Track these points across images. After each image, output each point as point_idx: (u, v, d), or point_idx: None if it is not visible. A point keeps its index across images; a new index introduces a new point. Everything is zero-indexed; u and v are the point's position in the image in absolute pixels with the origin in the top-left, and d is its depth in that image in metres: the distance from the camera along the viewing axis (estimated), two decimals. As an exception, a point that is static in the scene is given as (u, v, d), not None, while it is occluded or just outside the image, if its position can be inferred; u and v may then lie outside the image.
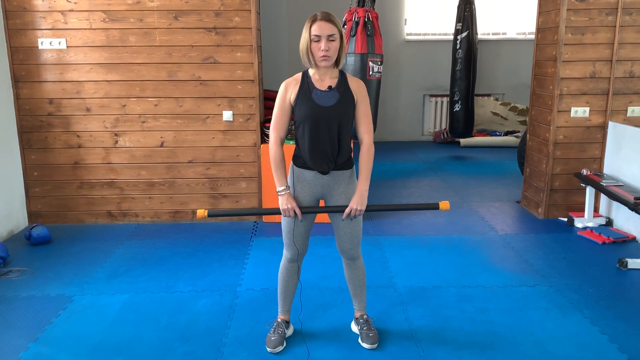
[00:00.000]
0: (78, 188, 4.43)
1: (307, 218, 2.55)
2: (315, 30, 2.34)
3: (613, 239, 3.98)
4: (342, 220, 2.51)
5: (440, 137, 8.03)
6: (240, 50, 4.25)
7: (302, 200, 2.53)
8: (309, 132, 2.43)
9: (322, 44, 2.34)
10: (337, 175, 2.52)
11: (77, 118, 4.31)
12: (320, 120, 2.41)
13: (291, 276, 2.70)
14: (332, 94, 2.43)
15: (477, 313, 2.99)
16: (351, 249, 2.59)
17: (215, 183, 4.48)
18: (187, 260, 3.73)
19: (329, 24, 2.34)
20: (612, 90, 4.31)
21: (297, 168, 2.54)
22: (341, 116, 2.44)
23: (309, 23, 2.37)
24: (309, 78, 2.47)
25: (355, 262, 2.66)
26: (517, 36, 8.01)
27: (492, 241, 4.08)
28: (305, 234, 2.60)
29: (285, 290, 2.73)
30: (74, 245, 4.02)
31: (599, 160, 4.45)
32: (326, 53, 2.34)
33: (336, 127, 2.43)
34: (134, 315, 3.00)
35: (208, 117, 4.36)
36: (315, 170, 2.49)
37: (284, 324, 2.75)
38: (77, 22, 4.15)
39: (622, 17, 4.20)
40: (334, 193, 2.53)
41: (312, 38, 2.35)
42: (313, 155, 2.45)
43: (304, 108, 2.42)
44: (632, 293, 3.25)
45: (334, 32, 2.34)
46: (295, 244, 2.57)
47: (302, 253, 2.65)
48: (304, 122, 2.43)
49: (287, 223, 2.55)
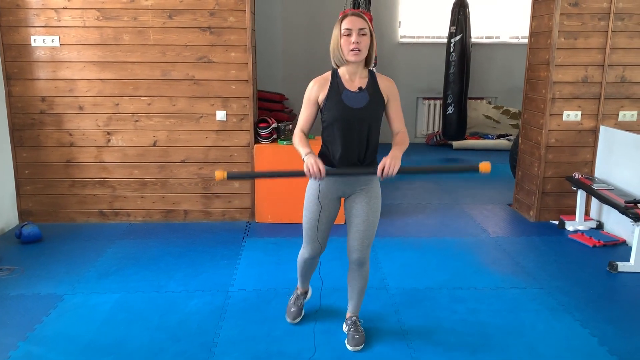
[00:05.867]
0: (70, 186, 4.41)
1: (329, 213, 2.58)
2: (347, 24, 2.36)
3: (603, 242, 4.01)
4: (379, 180, 2.47)
5: (433, 139, 8.05)
6: (235, 50, 4.24)
7: (326, 197, 2.55)
8: (339, 133, 2.43)
9: (354, 37, 2.34)
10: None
11: (70, 116, 4.29)
12: (351, 122, 2.42)
13: (310, 267, 2.82)
14: (362, 96, 2.44)
15: (468, 314, 3.00)
16: (361, 250, 2.56)
17: (208, 183, 4.47)
18: (179, 260, 3.72)
19: (360, 19, 2.37)
20: (604, 94, 4.35)
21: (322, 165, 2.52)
22: (371, 118, 2.45)
23: (339, 20, 2.40)
24: (339, 78, 2.46)
25: (363, 267, 2.62)
26: (511, 40, 8.05)
27: (484, 243, 4.10)
28: (326, 230, 2.63)
29: (305, 275, 2.88)
30: (65, 244, 3.99)
31: (590, 164, 4.49)
32: (357, 46, 2.34)
33: (366, 129, 2.44)
34: (124, 314, 2.98)
35: (201, 116, 4.35)
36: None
37: (302, 296, 2.96)
38: (71, 19, 4.13)
39: (614, 23, 4.23)
40: (357, 191, 2.55)
41: (343, 32, 2.35)
42: (342, 156, 2.46)
43: (334, 110, 2.42)
44: (622, 296, 3.28)
45: (365, 27, 2.36)
46: (318, 239, 2.61)
47: (322, 249, 2.68)
48: (334, 123, 2.44)
49: (311, 218, 2.58)
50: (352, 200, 2.58)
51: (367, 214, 2.54)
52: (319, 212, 2.56)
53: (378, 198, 2.59)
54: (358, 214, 2.55)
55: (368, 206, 2.54)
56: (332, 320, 2.91)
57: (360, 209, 2.54)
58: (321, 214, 2.57)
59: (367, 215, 2.54)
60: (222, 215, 4.55)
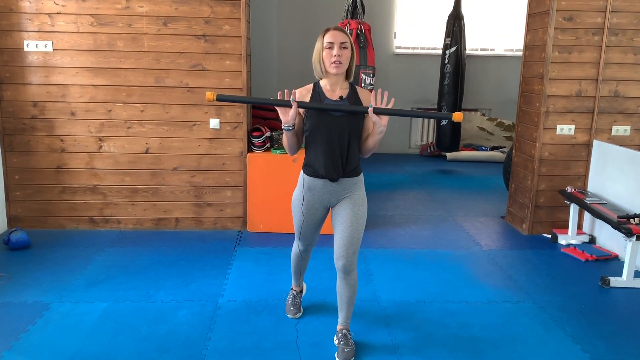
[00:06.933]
0: (60, 193, 4.36)
1: (316, 220, 2.70)
2: (329, 37, 2.47)
3: (596, 257, 4.01)
4: (371, 106, 2.43)
5: (427, 150, 8.06)
6: (229, 58, 4.23)
7: (311, 207, 2.65)
8: (320, 140, 2.52)
9: (335, 50, 2.45)
10: (345, 182, 2.60)
11: (62, 122, 4.25)
12: (332, 129, 2.50)
13: (302, 260, 2.95)
14: (343, 104, 2.52)
15: (460, 329, 2.98)
16: (347, 256, 2.57)
17: (200, 191, 4.44)
18: (168, 269, 3.68)
19: (342, 33, 2.49)
20: (597, 109, 4.36)
21: (307, 177, 2.63)
22: (352, 125, 2.52)
23: (322, 34, 2.51)
24: (320, 88, 2.57)
25: (350, 275, 2.63)
26: (505, 52, 8.09)
27: (477, 256, 4.08)
28: (314, 233, 2.79)
29: (298, 270, 3.02)
30: (54, 251, 3.94)
31: (583, 177, 4.49)
32: (338, 59, 2.45)
33: (347, 136, 2.52)
34: (112, 324, 2.94)
35: (195, 124, 4.32)
36: (325, 177, 2.57)
37: (299, 294, 3.11)
38: (65, 25, 4.11)
39: (608, 38, 4.25)
40: (342, 199, 2.62)
41: (325, 45, 2.47)
42: (324, 163, 2.54)
43: (315, 117, 2.51)
44: (614, 311, 3.26)
45: (346, 41, 2.48)
46: (306, 239, 2.79)
47: (312, 244, 2.87)
48: (315, 130, 2.52)
49: (297, 225, 2.73)
50: (338, 207, 2.64)
51: (351, 220, 2.58)
52: (302, 222, 2.71)
53: (363, 205, 2.64)
54: (343, 221, 2.59)
55: (353, 212, 2.59)
56: (323, 333, 2.88)
57: (345, 216, 2.59)
58: (304, 223, 2.71)
59: (351, 221, 2.58)
60: (213, 224, 4.51)
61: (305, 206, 2.64)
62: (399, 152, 8.21)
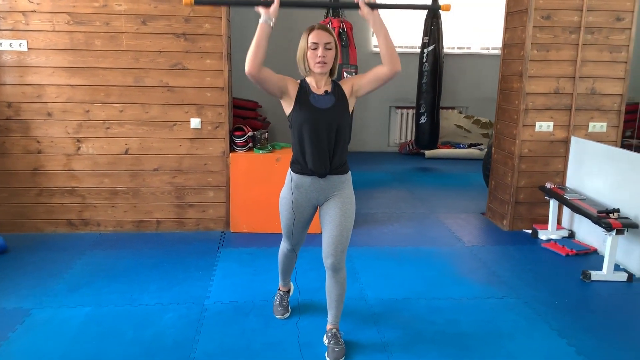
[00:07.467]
0: (37, 195, 4.26)
1: (304, 219, 2.70)
2: (313, 38, 2.47)
3: (576, 251, 4.08)
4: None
5: (406, 148, 8.10)
6: (210, 57, 4.18)
7: (300, 206, 2.64)
8: (309, 134, 2.51)
9: (320, 51, 2.47)
10: (333, 180, 2.60)
11: (38, 123, 4.15)
12: (320, 122, 2.51)
13: (290, 259, 2.95)
14: (329, 98, 2.55)
15: (447, 325, 3.00)
16: (335, 254, 2.57)
17: (182, 192, 4.38)
18: (152, 272, 3.62)
19: (326, 33, 2.50)
20: (575, 106, 4.44)
21: (294, 174, 2.62)
22: (339, 118, 2.54)
23: (306, 32, 2.50)
24: (307, 84, 2.58)
25: (339, 273, 2.63)
26: (481, 51, 8.18)
27: (460, 253, 4.12)
28: (302, 232, 2.78)
29: (286, 270, 3.01)
30: (33, 255, 3.84)
31: (561, 173, 4.57)
32: (323, 59, 2.47)
33: (334, 129, 2.53)
34: (96, 329, 2.87)
35: (175, 124, 4.26)
36: (314, 174, 2.56)
37: (286, 294, 3.10)
38: (40, 23, 4.00)
39: (585, 36, 4.33)
40: (330, 197, 2.62)
41: (310, 45, 2.48)
42: (312, 157, 2.53)
43: (303, 111, 2.52)
44: (596, 305, 3.33)
45: (331, 41, 2.49)
46: (296, 238, 2.78)
47: (300, 244, 2.86)
48: (303, 124, 2.52)
49: (286, 224, 2.71)
50: (326, 206, 2.64)
51: (340, 218, 2.59)
52: (293, 220, 2.69)
53: (352, 203, 2.65)
54: (331, 220, 2.60)
55: (341, 211, 2.59)
56: (312, 333, 2.87)
57: (333, 214, 2.60)
58: (295, 221, 2.69)
59: (340, 220, 2.58)
60: (196, 225, 4.46)
61: (294, 204, 2.63)
62: (378, 151, 8.23)
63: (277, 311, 3.05)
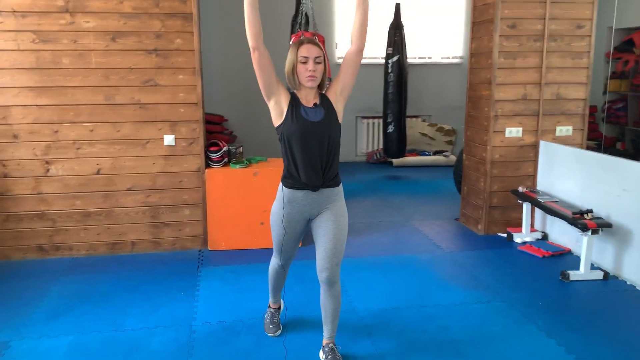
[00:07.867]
0: (3, 221, 4.07)
1: (295, 234, 2.68)
2: (303, 52, 2.46)
3: (552, 253, 4.19)
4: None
5: (374, 157, 8.17)
6: (183, 72, 4.11)
7: (292, 220, 2.61)
8: (301, 147, 2.50)
9: (310, 65, 2.46)
10: (326, 193, 2.58)
11: (3, 145, 3.98)
12: (311, 135, 2.50)
13: (281, 276, 2.89)
14: (319, 110, 2.55)
15: (439, 332, 3.02)
16: (330, 268, 2.56)
17: (157, 211, 4.27)
18: (132, 295, 3.50)
19: (316, 47, 2.49)
20: (542, 111, 4.58)
21: (286, 189, 2.59)
22: (331, 129, 2.54)
23: (295, 46, 2.48)
24: (297, 97, 2.57)
25: (334, 287, 2.61)
26: (442, 60, 8.36)
27: (440, 259, 4.17)
28: (294, 248, 2.75)
29: (276, 287, 2.97)
30: (2, 284, 3.67)
31: (532, 177, 4.69)
32: (313, 74, 2.46)
33: (326, 141, 2.53)
34: (82, 358, 2.76)
35: (148, 141, 4.17)
36: (307, 187, 2.54)
37: (277, 312, 3.05)
38: (3, 42, 3.85)
39: (548, 43, 4.48)
40: (323, 210, 2.60)
41: (300, 59, 2.47)
42: (304, 170, 2.51)
43: (294, 124, 2.50)
44: (577, 304, 3.42)
45: (321, 55, 2.49)
46: (287, 254, 2.75)
47: (291, 259, 2.83)
48: (294, 137, 2.50)
49: (277, 240, 2.68)
50: (319, 219, 2.62)
51: (334, 231, 2.57)
52: (284, 236, 2.64)
53: (344, 215, 2.64)
54: (325, 233, 2.58)
55: (335, 224, 2.58)
56: (307, 349, 2.84)
57: (327, 227, 2.58)
58: (285, 237, 2.65)
59: (334, 233, 2.57)
60: (172, 245, 4.35)
61: (286, 219, 2.60)
62: (346, 160, 8.26)
63: (269, 329, 2.99)
